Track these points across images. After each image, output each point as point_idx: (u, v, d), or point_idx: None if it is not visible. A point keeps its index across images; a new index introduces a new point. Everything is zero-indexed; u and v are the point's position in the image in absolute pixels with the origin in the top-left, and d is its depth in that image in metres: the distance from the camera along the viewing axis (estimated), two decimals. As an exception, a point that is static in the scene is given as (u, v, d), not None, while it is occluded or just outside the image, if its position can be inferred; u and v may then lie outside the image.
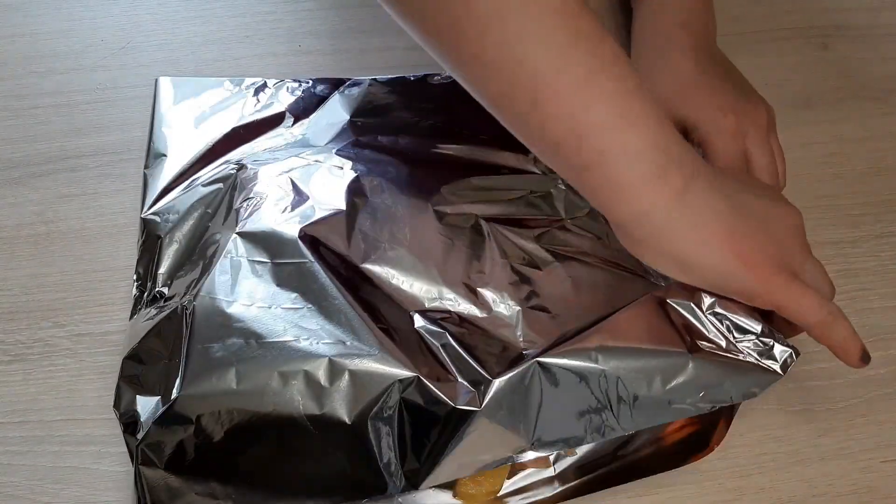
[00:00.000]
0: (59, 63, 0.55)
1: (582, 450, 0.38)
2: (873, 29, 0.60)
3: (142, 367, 0.37)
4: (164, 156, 0.47)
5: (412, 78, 0.52)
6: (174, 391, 0.35)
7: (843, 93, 0.56)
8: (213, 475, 0.34)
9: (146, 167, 0.47)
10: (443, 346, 0.37)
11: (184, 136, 0.48)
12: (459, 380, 0.35)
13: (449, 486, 0.37)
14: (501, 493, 0.37)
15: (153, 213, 0.44)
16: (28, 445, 0.39)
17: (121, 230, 0.46)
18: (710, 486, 0.39)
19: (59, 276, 0.45)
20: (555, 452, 0.36)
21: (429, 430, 0.35)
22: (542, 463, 0.38)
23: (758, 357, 0.37)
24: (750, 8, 0.61)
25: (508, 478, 0.38)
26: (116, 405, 0.36)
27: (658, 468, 0.38)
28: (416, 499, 0.37)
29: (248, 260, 0.39)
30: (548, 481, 0.37)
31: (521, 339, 0.38)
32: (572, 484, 0.37)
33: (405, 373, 0.35)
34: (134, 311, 0.41)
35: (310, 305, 0.37)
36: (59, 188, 0.48)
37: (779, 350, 0.37)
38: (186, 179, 0.45)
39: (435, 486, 0.36)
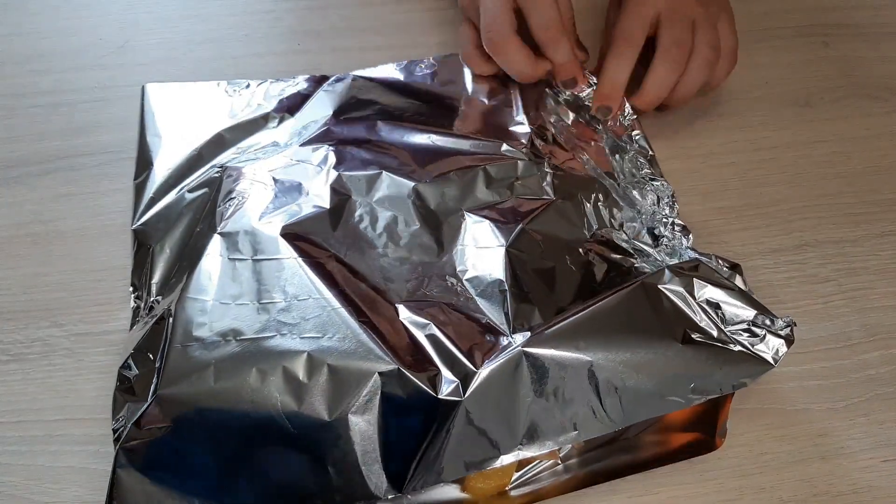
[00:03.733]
0: (57, 62, 0.55)
1: (587, 441, 0.37)
2: (874, 27, 0.60)
3: (134, 376, 0.37)
4: (152, 165, 0.47)
5: (396, 68, 0.52)
6: (152, 393, 0.35)
7: (843, 91, 0.56)
8: (192, 478, 0.34)
9: (135, 178, 0.47)
10: (427, 336, 0.36)
11: (171, 144, 0.48)
12: (443, 370, 0.35)
13: (457, 480, 0.37)
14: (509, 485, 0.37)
15: (143, 224, 0.44)
16: (26, 445, 0.39)
17: (119, 229, 0.46)
18: (711, 485, 0.38)
19: (57, 275, 0.44)
20: (548, 451, 0.36)
21: (412, 426, 0.34)
22: (549, 455, 0.37)
23: (749, 347, 0.37)
24: (750, 7, 0.61)
25: (517, 470, 0.37)
26: (113, 415, 0.36)
27: (663, 460, 0.37)
28: (424, 493, 0.36)
29: (228, 258, 0.39)
30: (554, 472, 0.37)
31: (508, 328, 0.38)
32: (578, 474, 0.37)
33: (385, 366, 0.34)
34: (133, 323, 0.41)
35: (289, 300, 0.37)
36: (58, 187, 0.48)
37: (771, 339, 0.37)
38: (174, 187, 0.45)
39: (435, 486, 0.36)
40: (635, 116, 0.49)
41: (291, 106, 0.50)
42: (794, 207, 0.49)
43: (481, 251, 0.40)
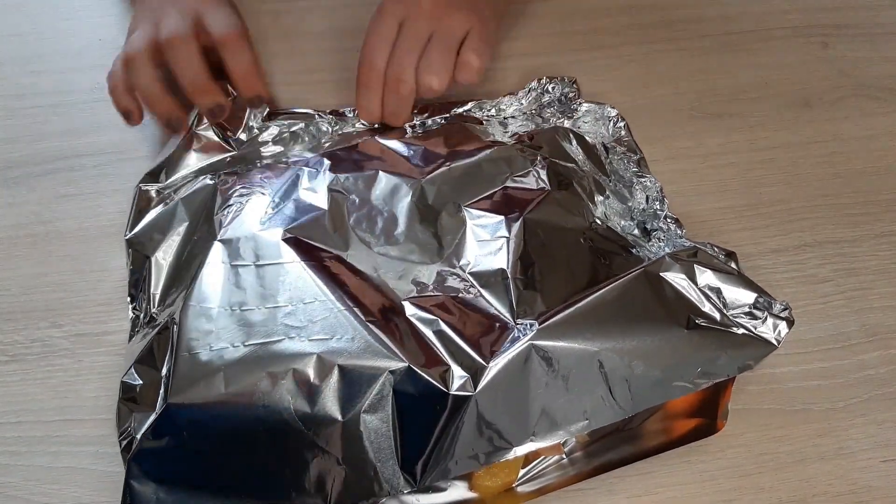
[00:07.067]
0: (57, 62, 0.55)
1: (592, 433, 0.38)
2: (873, 28, 0.60)
3: (138, 385, 0.36)
4: (160, 169, 0.47)
5: None
6: (161, 401, 0.35)
7: (842, 92, 0.56)
8: (207, 486, 0.34)
9: (141, 181, 0.46)
10: (435, 332, 0.37)
11: (165, 151, 0.48)
12: (453, 366, 0.35)
13: (464, 478, 0.37)
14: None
15: (136, 234, 0.44)
16: (26, 445, 0.39)
17: (119, 230, 0.46)
18: (710, 486, 0.38)
19: (57, 276, 0.44)
20: (559, 440, 0.36)
21: (424, 422, 0.34)
22: (555, 450, 0.38)
23: (752, 329, 0.37)
24: (749, 7, 0.61)
25: (523, 467, 0.37)
26: (119, 426, 0.36)
27: (667, 447, 0.38)
28: (432, 493, 0.36)
29: (231, 265, 0.39)
30: (560, 467, 0.37)
31: (514, 320, 0.38)
32: (584, 467, 0.37)
33: (396, 363, 0.35)
34: (132, 334, 0.41)
35: (295, 304, 0.37)
36: (58, 188, 0.48)
37: (772, 321, 0.37)
38: (168, 196, 0.45)
39: (449, 479, 0.36)
40: (624, 121, 0.49)
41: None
42: (794, 208, 0.49)
43: (483, 244, 0.40)
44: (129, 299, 0.42)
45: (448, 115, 0.51)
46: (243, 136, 0.49)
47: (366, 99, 0.48)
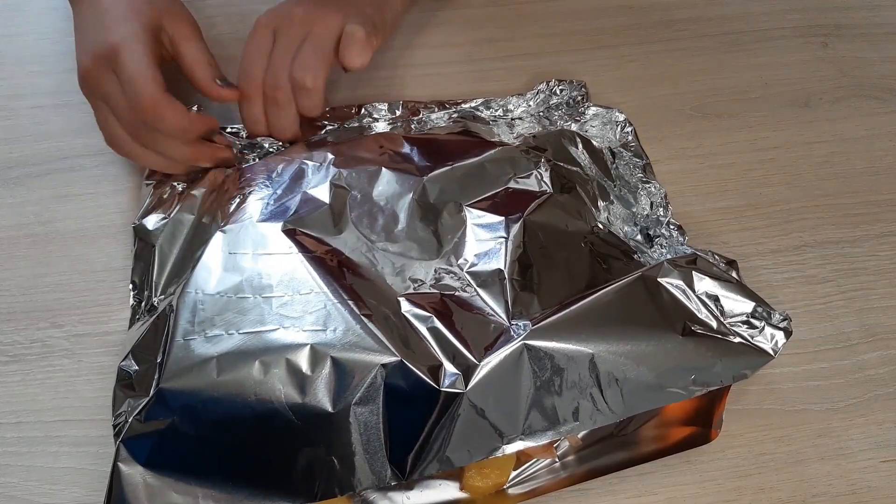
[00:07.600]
0: (57, 63, 0.55)
1: (584, 436, 0.38)
2: (873, 28, 0.60)
3: (134, 371, 0.37)
4: None
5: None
6: (154, 386, 0.35)
7: (842, 92, 0.56)
8: (195, 471, 0.34)
9: (146, 178, 0.47)
10: (429, 329, 0.37)
11: None
12: (445, 363, 0.35)
13: (456, 478, 0.37)
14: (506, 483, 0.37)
15: (145, 222, 0.44)
16: (26, 446, 0.39)
17: (119, 230, 0.46)
18: (710, 486, 0.38)
19: (56, 276, 0.44)
20: (549, 440, 0.36)
21: (415, 417, 0.34)
22: (547, 452, 0.38)
23: (749, 338, 0.37)
24: (750, 7, 0.61)
25: (514, 468, 0.37)
26: (113, 412, 0.36)
27: (660, 455, 0.38)
28: (423, 492, 0.37)
29: (230, 253, 0.39)
30: (552, 470, 0.37)
31: (509, 320, 0.38)
32: (576, 472, 0.37)
33: (388, 358, 0.35)
34: (132, 321, 0.41)
35: (292, 294, 0.37)
36: (58, 188, 0.48)
37: (769, 331, 0.37)
38: (178, 188, 0.45)
39: (442, 479, 0.36)
40: (632, 127, 0.49)
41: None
42: (794, 208, 0.49)
43: (482, 243, 0.41)
44: (130, 286, 0.42)
45: (454, 112, 0.51)
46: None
47: (247, 111, 0.46)
